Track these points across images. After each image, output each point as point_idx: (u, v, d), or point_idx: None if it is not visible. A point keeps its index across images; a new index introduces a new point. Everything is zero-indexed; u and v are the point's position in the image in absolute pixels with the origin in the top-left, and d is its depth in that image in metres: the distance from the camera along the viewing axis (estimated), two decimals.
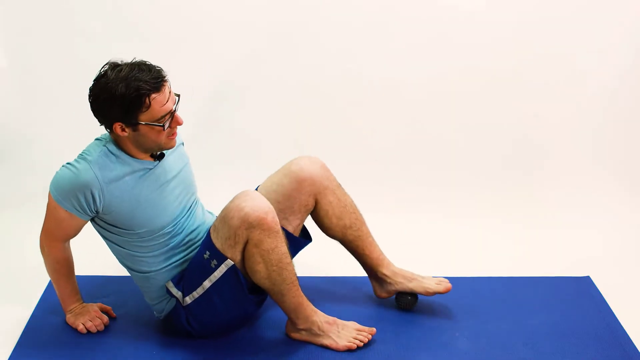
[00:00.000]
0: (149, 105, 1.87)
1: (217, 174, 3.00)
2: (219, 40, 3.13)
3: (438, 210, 3.01)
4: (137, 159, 1.99)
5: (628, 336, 2.17)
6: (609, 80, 3.14)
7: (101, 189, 1.93)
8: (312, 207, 2.24)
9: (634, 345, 2.13)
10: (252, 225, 1.93)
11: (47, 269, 2.12)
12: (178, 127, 2.02)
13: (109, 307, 2.24)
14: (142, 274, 2.09)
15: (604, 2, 3.08)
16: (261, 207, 1.94)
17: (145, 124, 1.89)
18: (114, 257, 2.26)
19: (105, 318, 2.19)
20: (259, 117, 3.20)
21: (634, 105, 3.17)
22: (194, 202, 2.17)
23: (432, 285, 2.24)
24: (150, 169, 2.02)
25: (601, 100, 3.17)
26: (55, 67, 3.11)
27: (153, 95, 1.87)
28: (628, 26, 3.09)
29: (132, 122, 1.89)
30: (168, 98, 1.90)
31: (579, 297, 2.38)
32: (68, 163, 1.96)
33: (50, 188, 1.98)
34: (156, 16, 3.07)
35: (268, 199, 2.16)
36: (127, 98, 1.84)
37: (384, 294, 2.31)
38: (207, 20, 3.10)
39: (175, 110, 1.93)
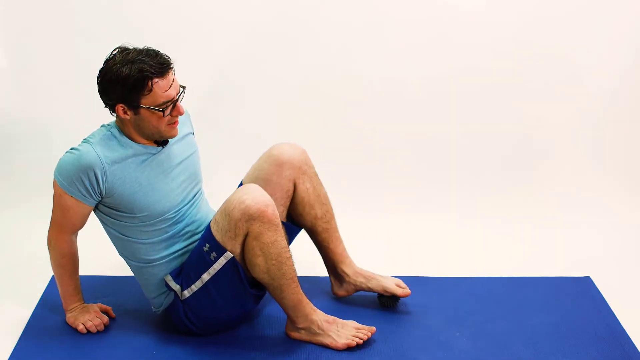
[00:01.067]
0: (151, 89, 1.90)
1: (216, 172, 3.00)
2: (218, 40, 3.13)
3: (438, 210, 3.01)
4: (140, 143, 2.02)
5: (628, 336, 2.16)
6: (608, 80, 3.14)
7: (104, 170, 1.95)
8: (292, 194, 2.25)
9: (634, 345, 2.13)
10: (252, 217, 1.94)
11: (52, 265, 2.13)
12: (190, 118, 2.18)
13: (108, 307, 2.24)
14: (141, 265, 2.10)
15: (604, 2, 3.08)
16: (262, 200, 1.95)
17: (147, 107, 1.92)
18: (113, 257, 2.26)
19: (105, 318, 2.19)
20: (258, 116, 3.20)
21: (634, 105, 3.17)
22: (198, 192, 2.18)
23: (391, 286, 2.25)
24: (154, 154, 2.04)
25: (601, 100, 3.17)
26: (55, 67, 3.11)
27: (156, 80, 1.90)
28: (628, 26, 3.09)
29: (133, 105, 1.93)
30: (171, 85, 1.93)
31: (579, 297, 2.38)
32: (71, 148, 1.99)
33: (54, 175, 1.99)
34: (156, 16, 3.07)
35: None
36: (130, 79, 1.89)
37: (341, 292, 2.31)
38: (206, 20, 3.10)
39: (177, 100, 1.96)
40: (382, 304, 2.30)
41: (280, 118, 3.20)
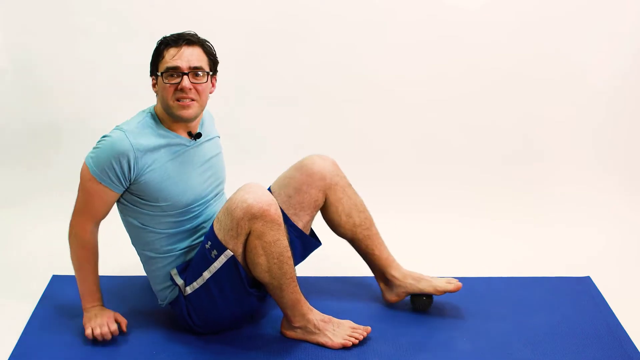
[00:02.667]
0: (163, 56, 1.99)
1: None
2: (219, 40, 3.11)
3: (438, 210, 3.01)
4: (175, 133, 2.05)
5: (628, 336, 2.16)
6: (609, 80, 3.14)
7: (136, 157, 1.97)
8: (321, 204, 2.26)
9: (634, 345, 2.13)
10: (255, 216, 1.94)
11: (72, 257, 2.10)
12: (214, 121, 2.26)
13: (124, 320, 2.15)
14: (152, 255, 2.11)
15: (605, 2, 3.07)
16: (264, 199, 1.95)
17: (157, 74, 2.00)
18: (116, 257, 2.26)
19: (114, 327, 2.11)
20: (260, 115, 3.20)
21: (635, 105, 3.17)
22: (220, 192, 2.21)
23: (442, 284, 2.23)
24: (187, 146, 2.07)
25: (602, 100, 3.17)
26: (56, 66, 3.11)
27: (168, 48, 2.00)
28: (628, 25, 3.08)
29: (154, 72, 2.03)
30: (181, 56, 1.98)
31: (579, 297, 2.38)
32: (103, 135, 2.01)
33: (87, 162, 2.00)
34: (157, 16, 3.07)
35: (280, 194, 2.22)
36: (155, 49, 2.03)
37: (393, 297, 2.29)
38: (207, 20, 3.10)
39: (187, 74, 1.98)
40: (416, 307, 2.28)
41: (282, 116, 3.20)
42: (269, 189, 2.27)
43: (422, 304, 2.27)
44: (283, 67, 3.16)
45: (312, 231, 2.32)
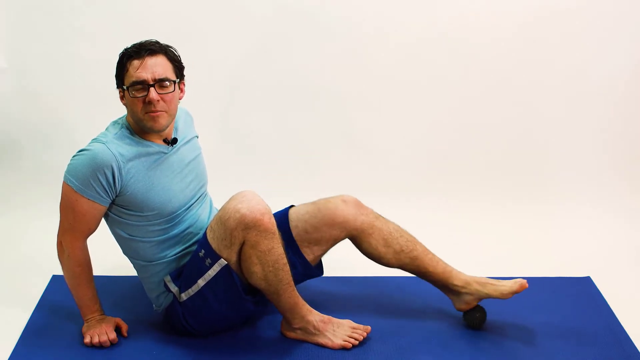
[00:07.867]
0: (127, 69, 1.96)
1: (218, 174, 2.99)
2: (221, 42, 3.13)
3: (439, 210, 3.01)
4: (151, 142, 2.03)
5: (628, 336, 2.16)
6: (609, 81, 3.14)
7: (120, 167, 1.95)
8: (340, 240, 2.23)
9: (634, 345, 2.12)
10: (248, 226, 1.93)
11: (66, 275, 2.08)
12: (193, 121, 2.22)
13: (125, 326, 2.16)
14: (144, 263, 2.10)
15: (606, 2, 3.08)
16: (258, 208, 1.94)
17: (124, 88, 1.97)
18: (113, 257, 2.25)
19: (113, 335, 2.11)
20: (261, 117, 3.20)
21: (635, 105, 3.17)
22: (203, 194, 2.19)
23: (508, 288, 2.14)
24: (165, 153, 2.05)
25: (602, 101, 3.17)
26: (56, 67, 3.11)
27: (131, 60, 1.96)
28: (633, 22, 3.08)
29: (120, 86, 2.00)
30: (145, 68, 1.95)
31: (579, 297, 2.38)
32: (80, 150, 1.97)
33: (66, 180, 1.97)
34: (157, 17, 3.07)
35: (297, 225, 2.18)
36: (117, 61, 1.99)
37: (463, 306, 2.21)
38: (207, 21, 3.10)
39: (153, 86, 1.95)
40: (469, 324, 2.21)
41: (282, 119, 3.20)
42: (290, 208, 2.24)
43: (475, 320, 2.20)
44: (281, 68, 3.16)
45: (319, 262, 2.29)
